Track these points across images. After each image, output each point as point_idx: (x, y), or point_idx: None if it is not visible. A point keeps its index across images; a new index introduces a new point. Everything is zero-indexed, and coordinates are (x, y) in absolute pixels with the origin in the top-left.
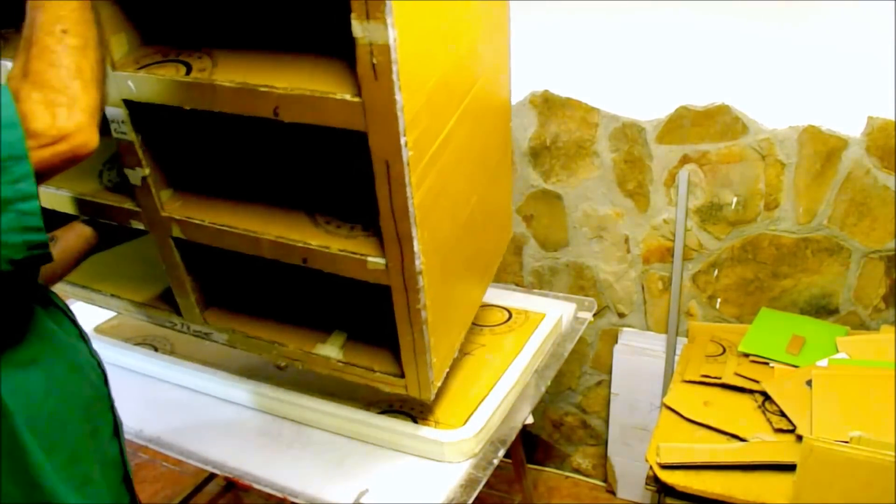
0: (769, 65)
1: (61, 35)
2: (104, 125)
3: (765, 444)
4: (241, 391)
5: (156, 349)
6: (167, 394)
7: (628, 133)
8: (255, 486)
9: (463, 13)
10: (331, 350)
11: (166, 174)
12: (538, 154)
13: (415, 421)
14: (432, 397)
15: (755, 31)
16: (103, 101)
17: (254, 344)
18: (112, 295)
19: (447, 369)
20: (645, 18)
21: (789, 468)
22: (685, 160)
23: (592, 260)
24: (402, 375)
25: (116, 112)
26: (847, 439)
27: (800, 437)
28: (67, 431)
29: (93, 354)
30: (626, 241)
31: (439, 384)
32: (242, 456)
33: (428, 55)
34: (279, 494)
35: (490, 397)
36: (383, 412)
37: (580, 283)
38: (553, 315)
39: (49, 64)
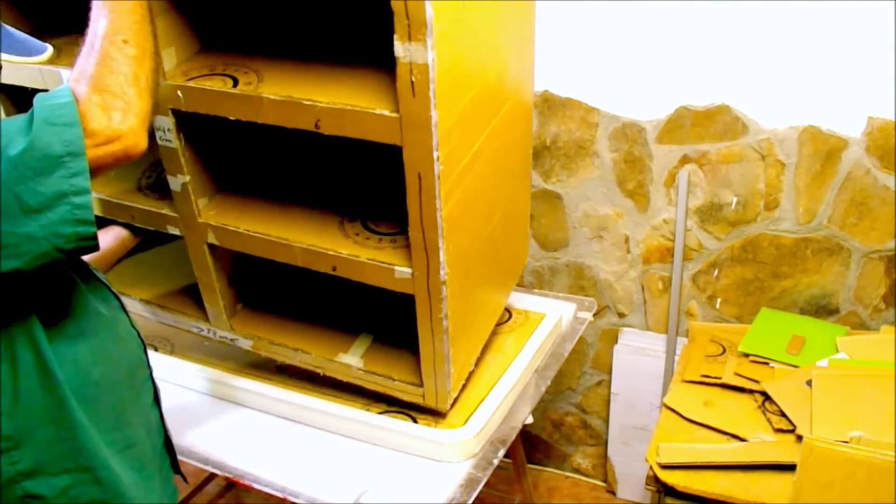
0: (769, 65)
1: (122, 45)
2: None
3: (765, 444)
4: (240, 391)
5: (156, 349)
6: (167, 394)
7: (628, 133)
8: (255, 486)
9: (497, 38)
10: (352, 359)
11: (206, 180)
12: (538, 154)
13: (415, 421)
14: (448, 407)
15: (755, 31)
16: (154, 108)
17: (278, 351)
18: (141, 300)
19: (463, 381)
20: (645, 18)
21: (789, 468)
22: (685, 160)
23: (592, 260)
24: (421, 385)
25: (164, 120)
26: (847, 439)
27: (800, 437)
28: (112, 398)
29: (133, 325)
30: (626, 241)
31: (455, 395)
32: (242, 456)
33: (462, 76)
34: (279, 494)
35: (490, 397)
36: (383, 412)
37: (580, 283)
38: (553, 315)
39: (109, 70)
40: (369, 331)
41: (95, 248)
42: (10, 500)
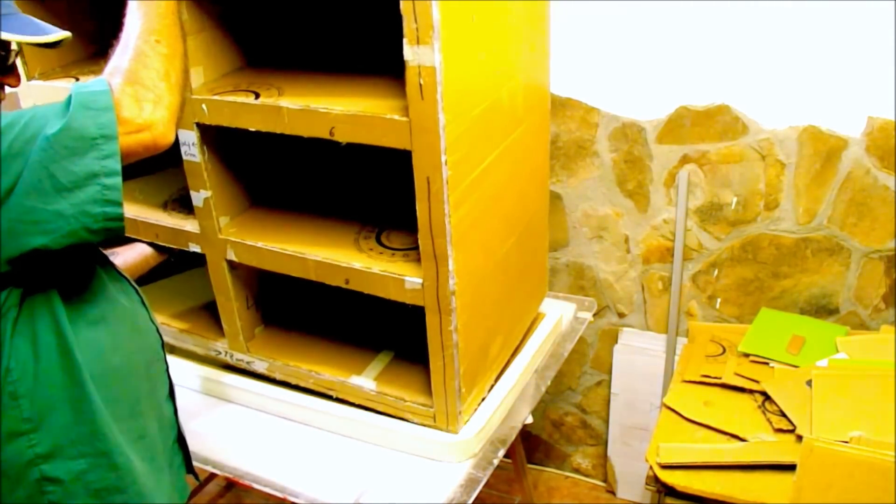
0: (769, 65)
1: (155, 44)
2: (175, 153)
3: (765, 444)
4: (240, 391)
5: None
6: None
7: (628, 133)
8: (255, 486)
9: (511, 62)
10: (365, 380)
11: (232, 196)
12: None
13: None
14: (459, 430)
15: (755, 31)
16: (182, 104)
17: (292, 373)
18: (161, 324)
19: (476, 408)
20: (644, 18)
21: (789, 468)
22: (685, 160)
23: (592, 260)
24: (432, 406)
25: (189, 135)
26: (847, 439)
27: (800, 437)
28: (129, 387)
29: (152, 320)
30: (626, 241)
31: (468, 418)
32: (242, 456)
33: (471, 86)
34: (279, 494)
35: (490, 397)
36: (383, 412)
37: (580, 283)
38: (553, 315)
39: (143, 65)
40: (391, 348)
41: (122, 230)
42: (27, 484)
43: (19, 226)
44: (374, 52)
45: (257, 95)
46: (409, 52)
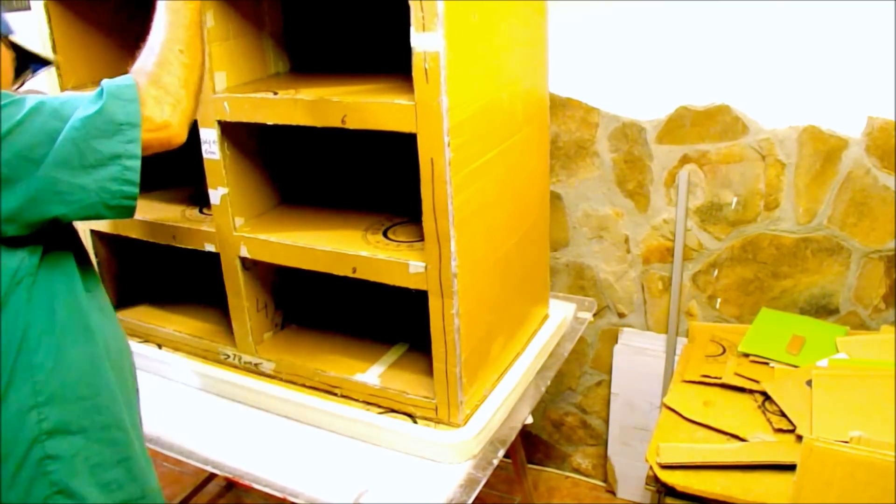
0: (769, 65)
1: (178, 53)
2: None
3: (765, 444)
4: (241, 390)
5: (160, 346)
6: (167, 393)
7: (628, 133)
8: (255, 486)
9: (508, 63)
10: (368, 377)
11: (254, 196)
12: None
13: (414, 421)
14: (461, 420)
15: (755, 31)
16: (196, 109)
17: (300, 371)
18: (175, 330)
19: (477, 404)
20: (644, 18)
21: (789, 468)
22: (685, 160)
23: (592, 260)
24: (434, 398)
25: (210, 132)
26: (847, 439)
27: (800, 437)
28: (125, 376)
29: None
30: (626, 241)
31: (469, 413)
32: (242, 456)
33: (472, 78)
34: (279, 494)
35: (490, 398)
36: (383, 412)
37: (580, 283)
38: (557, 317)
39: (166, 71)
40: (407, 340)
41: (133, 210)
42: (30, 465)
43: (45, 194)
44: (385, 57)
45: (276, 94)
46: (416, 40)
